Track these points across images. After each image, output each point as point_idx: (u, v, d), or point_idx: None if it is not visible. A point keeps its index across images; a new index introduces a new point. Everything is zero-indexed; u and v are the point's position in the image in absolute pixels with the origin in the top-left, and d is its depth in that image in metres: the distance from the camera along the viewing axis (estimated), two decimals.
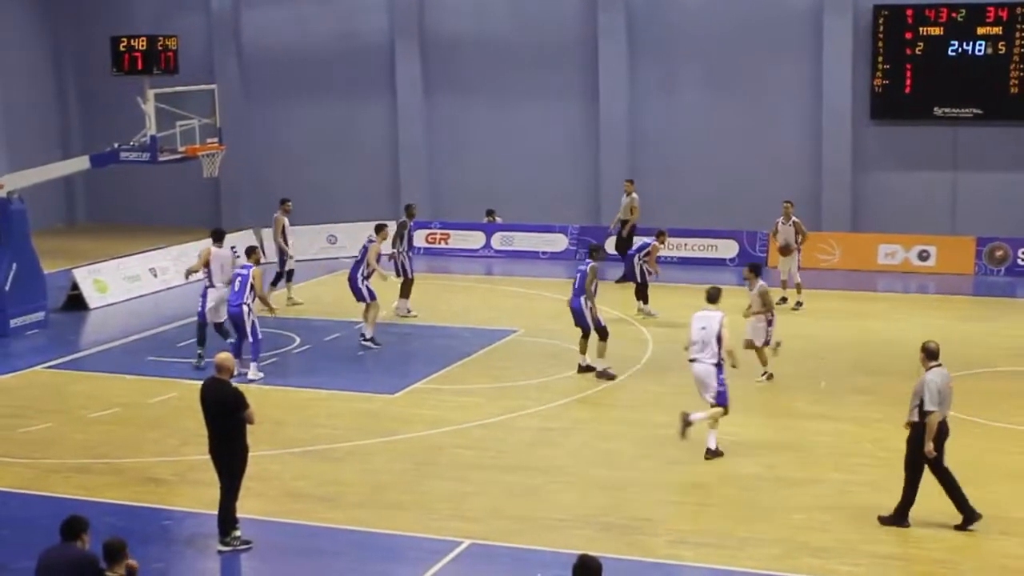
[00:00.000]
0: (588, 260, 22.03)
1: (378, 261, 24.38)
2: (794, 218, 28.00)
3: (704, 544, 14.70)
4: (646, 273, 26.64)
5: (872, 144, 33.59)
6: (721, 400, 17.58)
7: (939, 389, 14.88)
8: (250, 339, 21.76)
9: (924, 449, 14.88)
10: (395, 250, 26.65)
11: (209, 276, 22.74)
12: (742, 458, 17.70)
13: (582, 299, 21.59)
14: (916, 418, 15.00)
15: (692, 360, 17.64)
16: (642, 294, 26.68)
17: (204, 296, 22.70)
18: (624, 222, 31.11)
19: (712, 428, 17.54)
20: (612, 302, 27.50)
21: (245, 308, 21.63)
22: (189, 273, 24.19)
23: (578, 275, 21.92)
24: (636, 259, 26.70)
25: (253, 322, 21.74)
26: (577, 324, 21.90)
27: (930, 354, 15.20)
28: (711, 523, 15.35)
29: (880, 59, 32.73)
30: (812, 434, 18.73)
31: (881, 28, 32.58)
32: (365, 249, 24.41)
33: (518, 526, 15.28)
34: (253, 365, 21.75)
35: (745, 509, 15.84)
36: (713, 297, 18.12)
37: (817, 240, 32.16)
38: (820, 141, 33.78)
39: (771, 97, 34.32)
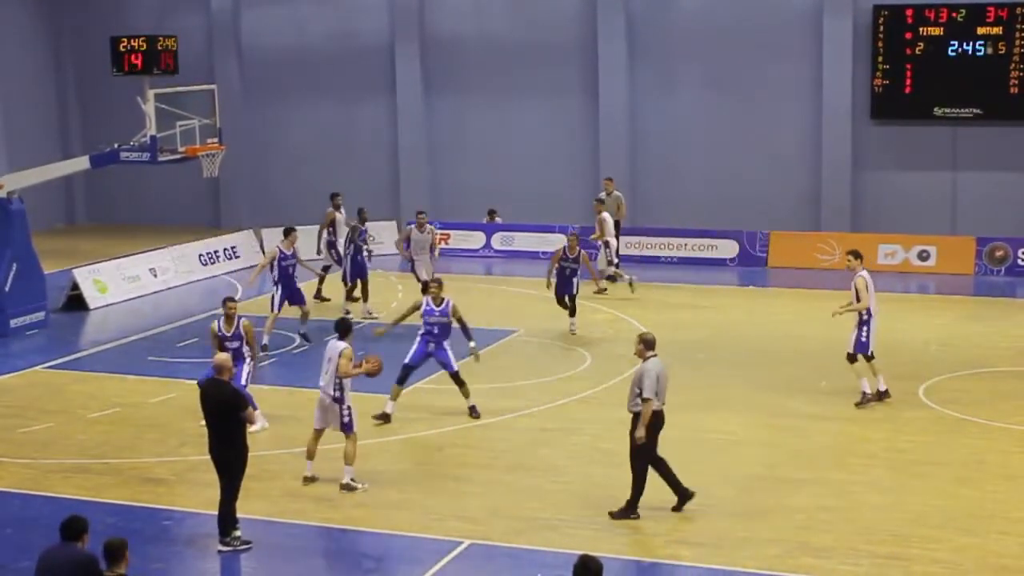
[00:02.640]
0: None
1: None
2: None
3: (704, 544, 14.70)
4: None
5: (872, 144, 33.58)
6: None
7: (657, 377, 15.15)
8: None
9: (635, 435, 15.09)
10: (345, 253, 26.87)
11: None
12: (741, 458, 17.70)
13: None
14: (638, 408, 15.18)
15: None
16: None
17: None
18: (616, 222, 30.57)
19: None
20: (614, 302, 27.56)
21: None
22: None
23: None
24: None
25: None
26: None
27: (648, 344, 15.49)
28: (711, 523, 15.34)
29: (880, 59, 32.73)
30: (812, 434, 18.73)
31: (881, 28, 32.57)
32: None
33: (518, 526, 15.28)
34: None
35: (745, 509, 15.83)
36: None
37: (817, 240, 32.22)
38: (820, 141, 33.78)
39: (771, 97, 34.31)
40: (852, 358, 20.30)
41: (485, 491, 16.52)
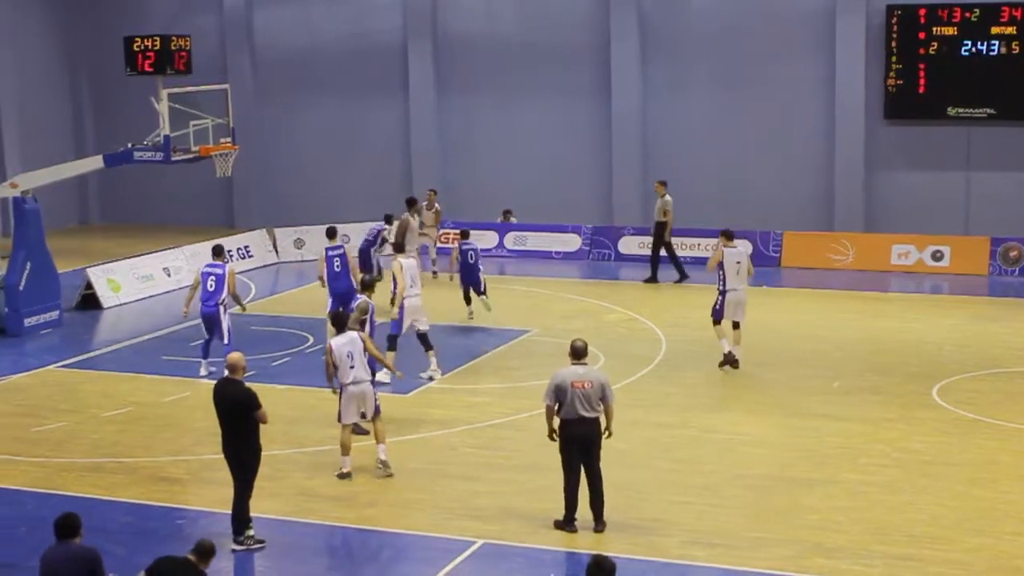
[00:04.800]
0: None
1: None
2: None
3: (717, 544, 14.68)
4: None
5: (885, 144, 33.53)
6: None
7: (557, 386, 14.85)
8: (225, 340, 21.77)
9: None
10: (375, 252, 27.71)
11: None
12: (755, 458, 17.68)
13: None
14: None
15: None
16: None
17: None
18: (660, 224, 30.39)
19: None
20: (629, 302, 27.61)
21: (221, 308, 21.82)
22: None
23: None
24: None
25: (229, 323, 21.92)
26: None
27: (574, 352, 15.16)
28: (724, 523, 15.33)
29: (893, 59, 32.68)
30: (825, 434, 18.70)
31: (894, 28, 32.53)
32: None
33: (531, 526, 15.28)
34: (204, 362, 22.07)
35: (758, 509, 15.83)
36: None
37: (830, 240, 32.18)
38: (833, 141, 33.73)
39: (784, 97, 34.27)
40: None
41: (498, 491, 16.52)
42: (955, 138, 32.86)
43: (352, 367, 16.77)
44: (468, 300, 26.41)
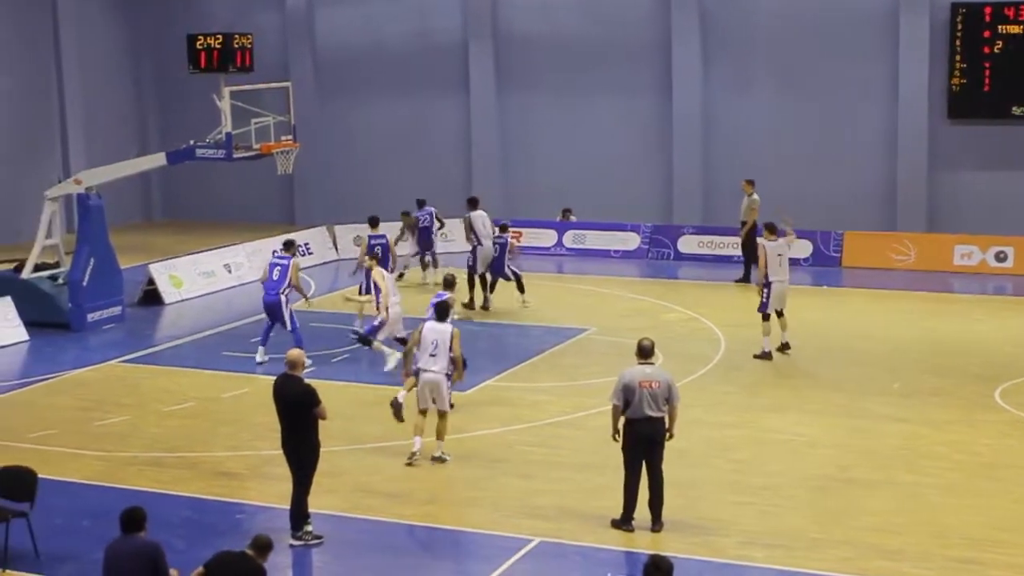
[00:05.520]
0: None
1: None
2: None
3: (775, 545, 14.61)
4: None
5: (949, 144, 33.21)
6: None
7: (626, 385, 14.81)
8: (288, 327, 22.46)
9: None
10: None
11: (476, 236, 26.65)
12: (813, 459, 17.59)
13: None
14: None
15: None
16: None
17: (474, 253, 26.54)
18: (744, 223, 30.15)
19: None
20: (688, 301, 27.50)
21: (283, 298, 22.49)
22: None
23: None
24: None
25: (291, 311, 22.58)
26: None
27: (640, 351, 15.13)
28: (782, 524, 15.25)
29: (958, 58, 32.38)
30: (885, 436, 18.56)
31: (959, 26, 32.23)
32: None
33: (588, 524, 15.26)
34: (262, 348, 22.77)
35: (816, 510, 15.73)
36: None
37: (892, 240, 31.93)
38: (896, 140, 33.46)
39: (846, 96, 34.03)
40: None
41: (555, 489, 16.52)
42: (1020, 138, 32.51)
43: (433, 355, 17.13)
44: (521, 288, 26.91)
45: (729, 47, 35.01)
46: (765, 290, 22.62)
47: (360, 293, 24.20)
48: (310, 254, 33.06)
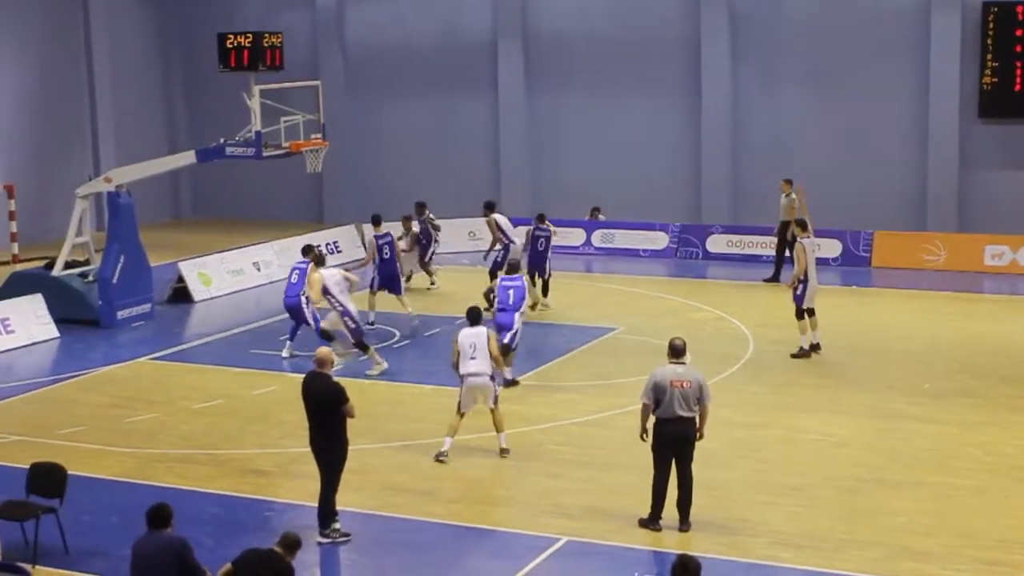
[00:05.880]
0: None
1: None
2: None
3: (803, 546, 14.56)
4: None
5: (980, 143, 33.02)
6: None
7: (656, 384, 14.76)
8: (313, 327, 22.74)
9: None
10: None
11: (506, 235, 26.92)
12: (842, 460, 17.52)
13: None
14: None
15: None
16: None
17: (505, 251, 26.63)
18: (785, 223, 29.82)
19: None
20: (716, 300, 27.45)
21: (302, 299, 22.74)
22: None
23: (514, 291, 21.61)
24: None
25: (314, 311, 22.88)
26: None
27: (672, 351, 15.11)
28: (811, 525, 15.20)
29: (989, 56, 32.19)
30: (914, 436, 18.47)
31: (991, 25, 32.05)
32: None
33: (616, 524, 15.25)
34: (289, 344, 23.28)
35: (845, 511, 15.67)
36: None
37: (922, 240, 31.76)
38: (926, 139, 33.29)
39: (876, 95, 33.87)
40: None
41: (583, 488, 16.51)
42: None
43: (473, 358, 17.29)
44: (545, 291, 26.78)
45: (759, 46, 34.91)
46: (801, 286, 22.59)
47: (372, 291, 25.34)
48: (339, 252, 33.11)
